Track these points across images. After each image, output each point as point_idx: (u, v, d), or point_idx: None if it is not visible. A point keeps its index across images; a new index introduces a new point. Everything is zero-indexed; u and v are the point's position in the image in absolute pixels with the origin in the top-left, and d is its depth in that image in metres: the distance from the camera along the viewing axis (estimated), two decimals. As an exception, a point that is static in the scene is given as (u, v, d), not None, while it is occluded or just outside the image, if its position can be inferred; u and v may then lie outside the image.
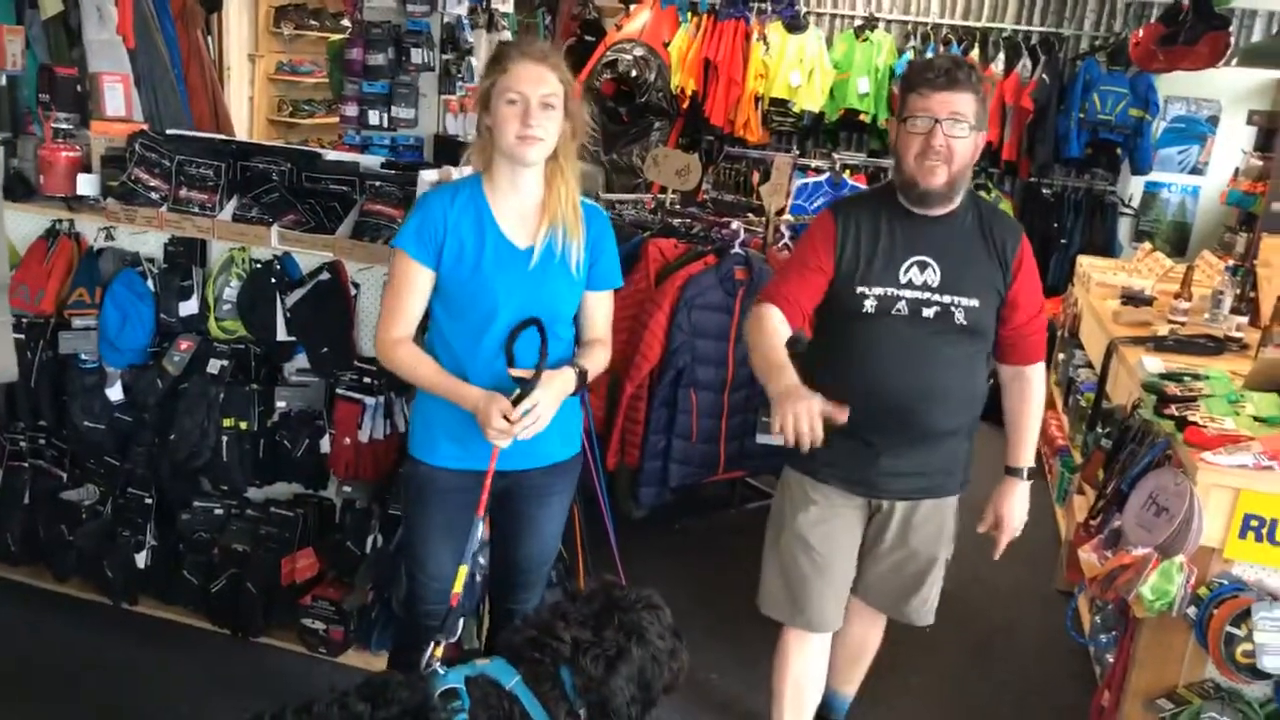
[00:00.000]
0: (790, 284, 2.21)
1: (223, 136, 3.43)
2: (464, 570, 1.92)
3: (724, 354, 3.51)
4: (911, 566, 2.38)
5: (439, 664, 1.74)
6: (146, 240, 2.86)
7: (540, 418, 1.99)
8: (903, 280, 2.14)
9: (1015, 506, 2.32)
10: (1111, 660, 2.61)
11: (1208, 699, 2.32)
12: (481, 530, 2.03)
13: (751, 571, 2.48)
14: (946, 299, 2.14)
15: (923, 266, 2.14)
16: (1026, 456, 2.32)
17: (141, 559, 2.92)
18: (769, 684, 2.50)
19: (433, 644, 1.77)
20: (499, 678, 1.71)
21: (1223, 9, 4.45)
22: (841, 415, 1.95)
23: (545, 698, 1.68)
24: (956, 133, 2.06)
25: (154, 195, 2.79)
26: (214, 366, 2.77)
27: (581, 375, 2.09)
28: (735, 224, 3.79)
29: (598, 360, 2.18)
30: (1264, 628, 2.14)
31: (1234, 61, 4.63)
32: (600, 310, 2.20)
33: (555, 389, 2.03)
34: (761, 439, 3.63)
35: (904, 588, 2.41)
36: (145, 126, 3.19)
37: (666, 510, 3.71)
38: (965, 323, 2.15)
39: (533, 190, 2.07)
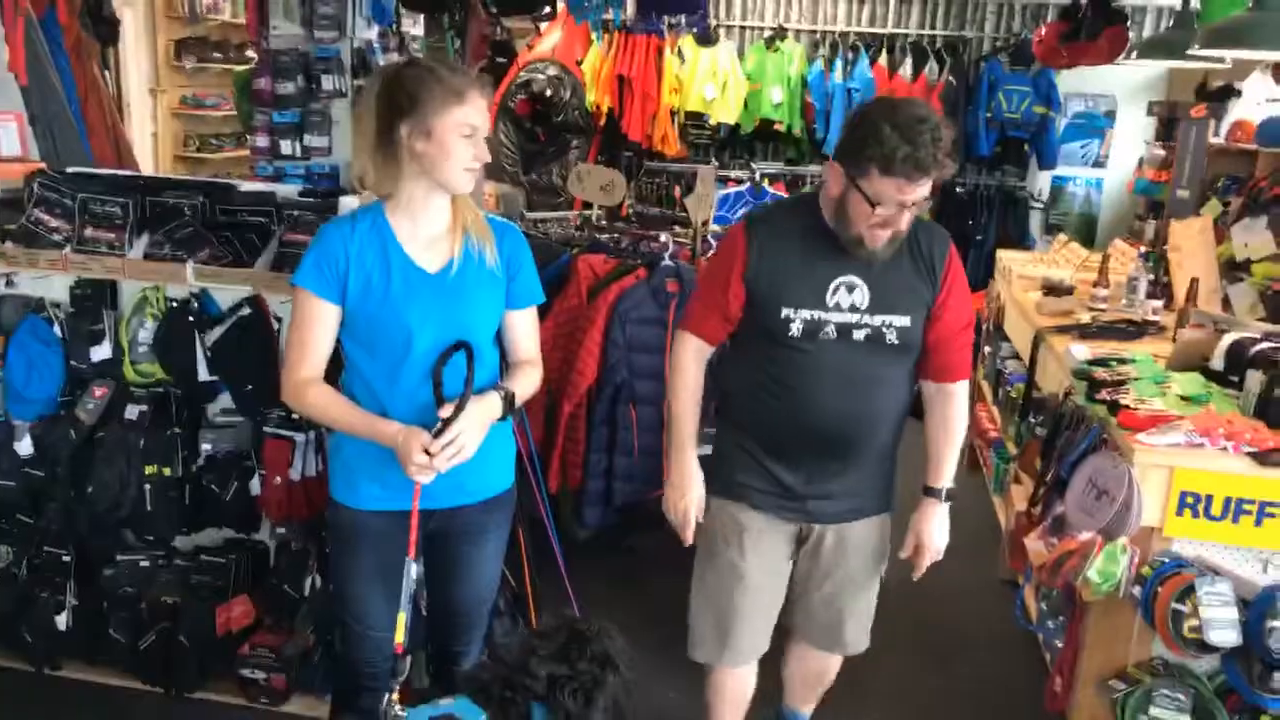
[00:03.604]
0: (707, 307, 2.17)
1: (128, 172, 3.29)
2: (403, 617, 1.85)
3: (661, 367, 3.48)
4: (846, 595, 2.31)
5: (399, 707, 1.68)
6: (51, 284, 2.72)
7: (464, 448, 1.90)
8: (830, 303, 2.04)
9: (935, 528, 2.22)
10: (1061, 645, 2.64)
11: (1157, 676, 2.36)
12: (417, 571, 1.95)
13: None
14: (877, 320, 2.06)
15: (850, 287, 2.05)
16: (946, 477, 2.21)
17: (63, 620, 2.76)
18: (705, 706, 2.47)
19: (388, 693, 1.71)
20: (465, 718, 1.64)
21: (1119, 4, 4.61)
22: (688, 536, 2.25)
23: None
24: (916, 211, 1.99)
25: (57, 237, 2.66)
26: (132, 412, 2.65)
27: (508, 399, 2.01)
28: (664, 236, 3.78)
29: (527, 382, 2.10)
30: (1208, 603, 2.19)
31: (1134, 55, 4.80)
32: (524, 328, 2.12)
33: (479, 416, 1.94)
34: (703, 450, 3.61)
35: (838, 619, 2.33)
36: (43, 165, 3.05)
37: (612, 529, 3.66)
38: (897, 342, 2.07)
39: (441, 214, 2.00)
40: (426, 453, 1.87)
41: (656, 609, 3.34)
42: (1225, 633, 2.18)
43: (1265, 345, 2.60)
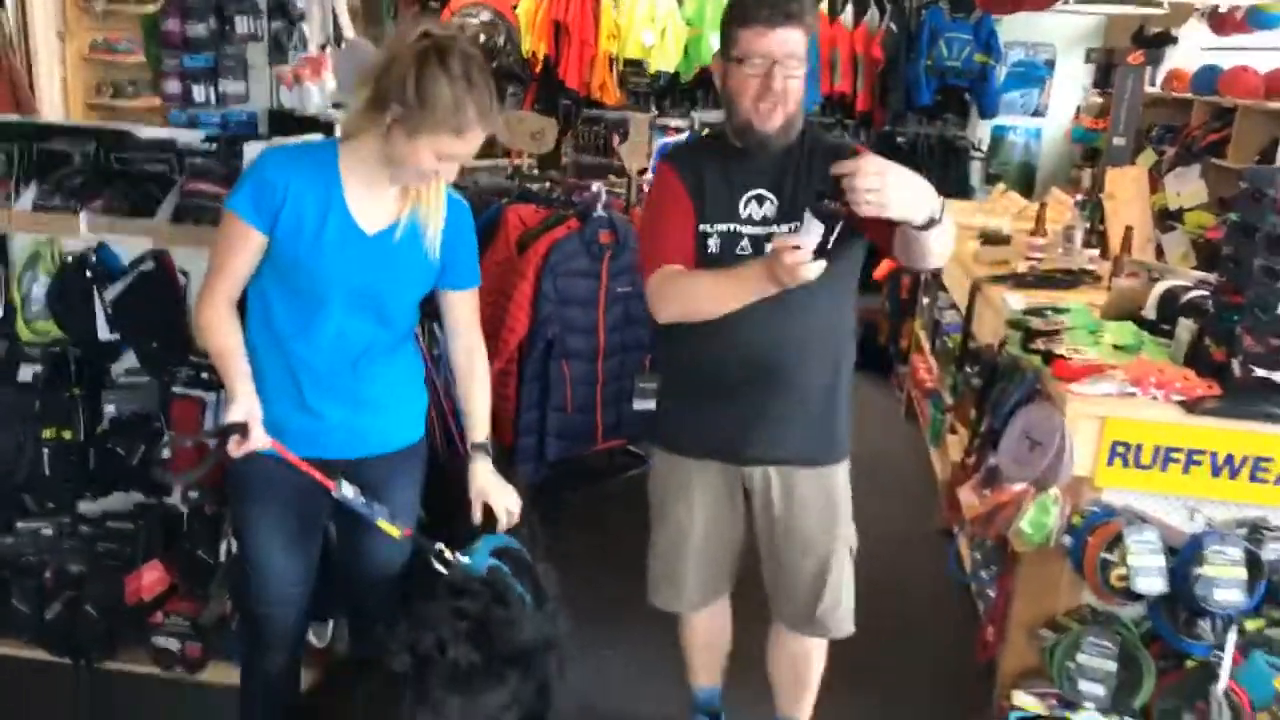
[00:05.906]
0: (672, 241, 2.03)
1: (15, 117, 3.09)
2: (386, 524, 1.96)
3: (594, 321, 3.40)
4: (811, 560, 2.20)
5: (458, 555, 1.95)
6: (-68, 238, 2.55)
7: (512, 513, 2.10)
8: (743, 215, 2.02)
9: None
10: (993, 595, 2.64)
11: (1086, 624, 2.36)
12: (350, 489, 1.94)
13: (636, 542, 2.41)
14: (784, 229, 1.98)
15: (760, 200, 2.03)
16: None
17: (-39, 592, 2.63)
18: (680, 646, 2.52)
19: (436, 555, 1.98)
20: (511, 544, 2.05)
21: (1057, -50, 4.58)
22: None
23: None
24: (793, 73, 1.93)
25: (-64, 187, 2.48)
26: (26, 373, 2.51)
27: (488, 448, 2.12)
28: (596, 186, 3.67)
29: (483, 396, 2.13)
30: (1136, 551, 2.18)
31: (1071, 0, 4.77)
32: (465, 310, 2.09)
33: (494, 482, 2.10)
34: (639, 405, 3.55)
35: (809, 590, 2.22)
36: (-75, 110, 2.84)
37: (545, 486, 3.60)
38: None
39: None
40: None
41: (589, 566, 3.30)
42: (1152, 580, 2.18)
43: (1196, 294, 2.59)
